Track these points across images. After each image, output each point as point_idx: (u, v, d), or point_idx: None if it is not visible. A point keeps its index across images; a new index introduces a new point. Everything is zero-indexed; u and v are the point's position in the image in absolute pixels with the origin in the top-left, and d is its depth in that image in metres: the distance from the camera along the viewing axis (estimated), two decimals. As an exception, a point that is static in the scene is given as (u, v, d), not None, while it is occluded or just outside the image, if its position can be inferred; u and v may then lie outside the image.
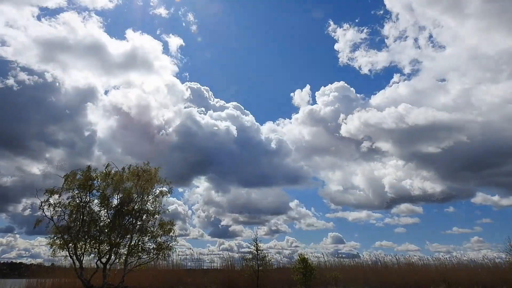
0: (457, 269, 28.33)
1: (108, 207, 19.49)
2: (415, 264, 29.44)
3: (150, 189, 19.84)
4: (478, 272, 27.47)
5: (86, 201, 19.17)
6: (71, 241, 18.46)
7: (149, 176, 19.78)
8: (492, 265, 28.28)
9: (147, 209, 19.84)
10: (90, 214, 19.20)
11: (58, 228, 18.53)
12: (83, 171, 19.25)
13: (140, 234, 19.55)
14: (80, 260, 18.65)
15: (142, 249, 19.44)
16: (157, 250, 19.63)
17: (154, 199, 19.95)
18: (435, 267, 28.76)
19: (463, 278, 25.25)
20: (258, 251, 24.20)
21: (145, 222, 19.83)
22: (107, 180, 19.52)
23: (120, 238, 19.12)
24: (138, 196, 19.57)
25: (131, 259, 19.22)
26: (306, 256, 22.98)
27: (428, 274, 27.10)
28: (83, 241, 18.85)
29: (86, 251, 19.00)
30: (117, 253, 19.12)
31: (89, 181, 19.07)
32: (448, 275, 24.85)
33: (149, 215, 19.85)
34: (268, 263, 24.75)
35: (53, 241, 18.44)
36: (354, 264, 30.30)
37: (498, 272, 26.48)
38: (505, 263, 26.58)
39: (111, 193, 19.53)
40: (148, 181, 19.72)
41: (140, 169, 19.90)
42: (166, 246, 19.76)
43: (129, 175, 19.77)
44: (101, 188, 19.52)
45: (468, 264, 29.33)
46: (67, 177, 18.88)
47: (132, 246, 19.20)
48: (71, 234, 18.53)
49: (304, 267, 22.42)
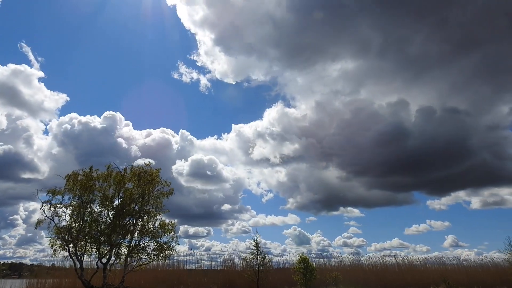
0: (457, 269, 28.40)
1: (109, 208, 19.48)
2: (415, 264, 29.52)
3: (151, 190, 19.81)
4: (478, 272, 27.55)
5: (87, 201, 19.15)
6: (71, 241, 18.44)
7: (150, 177, 19.76)
8: (492, 265, 28.38)
9: (148, 209, 19.82)
10: (91, 215, 19.19)
11: (59, 229, 18.52)
12: (85, 172, 19.23)
13: (140, 235, 19.55)
14: (80, 261, 18.62)
15: (143, 250, 19.42)
16: (157, 251, 19.59)
17: (155, 200, 19.93)
18: (435, 267, 28.83)
19: (463, 278, 25.33)
20: (258, 251, 24.20)
21: (146, 222, 19.82)
22: (109, 181, 19.51)
23: (120, 238, 19.10)
24: (139, 197, 19.55)
25: (131, 259, 19.19)
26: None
27: (428, 274, 27.18)
28: (83, 242, 18.83)
29: (86, 252, 18.98)
30: (117, 253, 19.08)
31: (91, 181, 19.04)
32: (448, 275, 24.89)
33: (149, 215, 19.85)
34: (268, 263, 24.75)
35: (54, 241, 18.43)
36: (354, 264, 30.36)
37: (498, 272, 26.56)
38: (505, 263, 26.67)
39: (112, 193, 19.51)
40: (149, 182, 19.70)
41: (141, 170, 19.87)
42: (167, 247, 19.74)
43: (130, 176, 19.76)
44: (102, 188, 19.50)
45: (468, 264, 29.42)
46: (69, 178, 18.87)
47: (132, 246, 19.17)
48: (71, 234, 18.52)
49: (305, 268, 22.49)
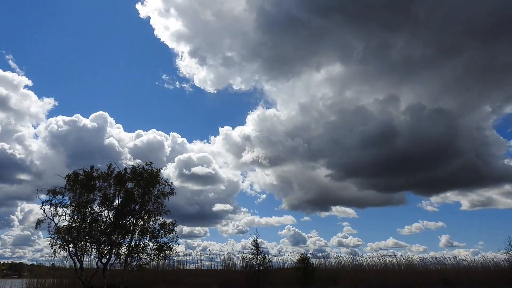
0: (457, 269, 28.37)
1: (109, 208, 19.45)
2: (415, 264, 29.47)
3: (151, 190, 19.77)
4: (478, 272, 27.52)
5: (88, 201, 19.11)
6: (71, 241, 18.39)
7: (150, 176, 19.71)
8: (492, 265, 28.35)
9: (148, 209, 19.77)
10: (91, 215, 19.14)
11: (59, 229, 18.48)
12: (86, 172, 19.20)
13: (141, 234, 19.51)
14: (80, 261, 18.57)
15: (143, 249, 19.36)
16: (157, 251, 19.53)
17: (155, 200, 19.88)
18: (435, 267, 28.80)
19: (463, 278, 25.29)
20: (258, 251, 24.22)
21: (146, 222, 19.79)
22: (109, 181, 19.48)
23: (121, 238, 19.05)
24: (139, 196, 19.51)
25: (131, 259, 19.14)
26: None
27: (428, 274, 27.14)
28: (83, 242, 18.77)
29: (86, 252, 18.91)
30: (117, 253, 19.01)
31: (91, 181, 19.00)
32: (448, 275, 24.86)
33: (150, 215, 19.81)
34: (268, 263, 24.76)
35: (54, 241, 18.37)
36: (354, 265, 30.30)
37: (498, 272, 26.53)
38: (505, 263, 26.65)
39: (112, 193, 19.47)
40: (149, 182, 19.65)
41: (141, 170, 19.83)
42: (167, 247, 19.67)
43: (130, 175, 19.71)
44: (102, 188, 19.46)
45: (468, 264, 29.39)
46: (69, 177, 18.83)
47: (132, 246, 19.11)
48: (72, 234, 18.47)
49: (305, 267, 22.48)
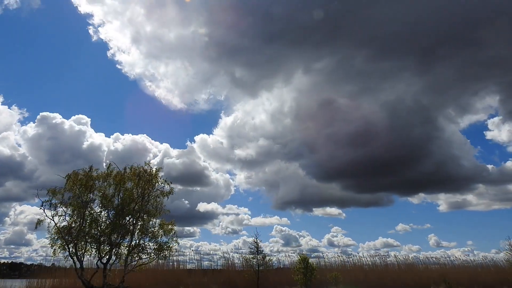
0: (457, 269, 28.39)
1: (109, 208, 19.47)
2: (415, 265, 29.50)
3: (150, 190, 19.80)
4: (478, 272, 27.54)
5: (87, 201, 19.14)
6: (71, 241, 18.42)
7: (149, 176, 19.75)
8: (492, 265, 28.37)
9: (148, 209, 19.80)
10: (91, 215, 19.17)
11: (59, 229, 18.51)
12: (85, 171, 19.22)
13: (140, 234, 19.54)
14: (80, 261, 18.61)
15: (143, 249, 19.41)
16: (157, 251, 19.58)
17: (155, 200, 19.91)
18: (435, 267, 28.82)
19: (463, 278, 25.30)
20: (258, 251, 24.20)
21: (146, 222, 19.81)
22: (108, 180, 19.51)
23: (120, 238, 19.10)
24: (139, 196, 19.54)
25: (131, 259, 19.18)
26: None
27: (428, 274, 27.16)
28: (83, 242, 18.81)
29: (86, 252, 18.96)
30: (117, 253, 19.08)
31: (91, 181, 19.03)
32: (448, 275, 24.86)
33: (149, 215, 19.83)
34: (268, 263, 24.76)
35: (54, 242, 18.43)
36: (354, 265, 30.34)
37: (498, 272, 26.56)
38: (505, 263, 26.67)
39: (112, 193, 19.50)
40: (148, 182, 19.68)
41: (141, 169, 19.86)
42: (167, 247, 19.72)
43: (130, 175, 19.74)
44: (102, 188, 19.49)
45: (468, 264, 29.42)
46: (69, 177, 18.86)
47: (132, 246, 19.16)
48: (71, 234, 18.50)
49: (305, 267, 22.48)
